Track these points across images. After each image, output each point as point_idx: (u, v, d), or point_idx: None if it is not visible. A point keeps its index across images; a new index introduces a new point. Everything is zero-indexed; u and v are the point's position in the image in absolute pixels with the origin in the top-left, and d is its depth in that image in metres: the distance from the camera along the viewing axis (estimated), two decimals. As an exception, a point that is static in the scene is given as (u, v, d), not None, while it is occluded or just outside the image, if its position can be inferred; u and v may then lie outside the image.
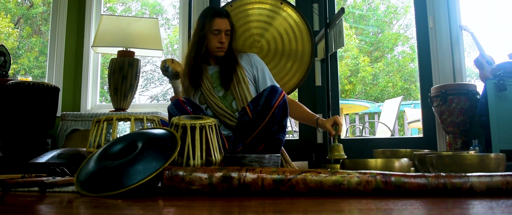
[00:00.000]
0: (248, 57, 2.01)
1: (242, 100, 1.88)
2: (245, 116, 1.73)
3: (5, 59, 2.91)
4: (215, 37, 1.89)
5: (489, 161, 1.13)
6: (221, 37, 1.88)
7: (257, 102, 1.71)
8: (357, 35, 9.94)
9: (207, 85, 1.91)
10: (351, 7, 9.68)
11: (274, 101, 1.67)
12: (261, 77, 1.97)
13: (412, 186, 0.92)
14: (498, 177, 0.90)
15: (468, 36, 2.77)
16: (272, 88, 1.71)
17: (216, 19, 1.88)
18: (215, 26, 1.87)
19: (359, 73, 9.41)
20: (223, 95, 1.92)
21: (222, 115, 1.86)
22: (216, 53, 1.92)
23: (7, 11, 8.30)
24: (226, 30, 1.90)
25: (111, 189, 0.99)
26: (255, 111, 1.70)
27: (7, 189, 1.17)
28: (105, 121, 1.46)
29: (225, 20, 1.91)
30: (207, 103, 1.90)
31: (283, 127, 1.76)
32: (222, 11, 1.92)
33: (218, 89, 1.93)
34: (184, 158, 1.18)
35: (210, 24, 1.88)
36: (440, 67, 2.73)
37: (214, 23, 1.88)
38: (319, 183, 0.95)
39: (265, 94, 1.69)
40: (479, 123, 2.45)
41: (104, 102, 3.61)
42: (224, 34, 1.89)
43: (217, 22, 1.88)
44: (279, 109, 1.68)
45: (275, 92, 1.69)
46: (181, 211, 0.78)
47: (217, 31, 1.88)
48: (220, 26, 1.88)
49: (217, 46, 1.89)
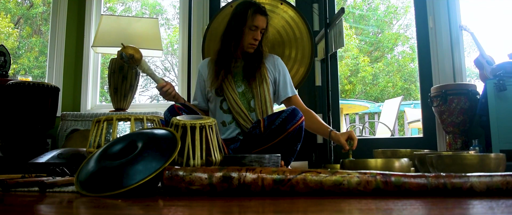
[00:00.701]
0: (272, 59, 1.99)
1: (261, 101, 1.87)
2: (257, 128, 1.69)
3: (5, 59, 2.91)
4: (251, 33, 1.87)
5: (489, 161, 1.13)
6: (257, 34, 1.87)
7: (273, 120, 1.66)
8: (357, 35, 9.94)
9: (228, 78, 1.89)
10: (351, 7, 9.68)
11: (291, 125, 1.63)
12: (282, 81, 1.95)
13: (412, 186, 0.92)
14: (498, 177, 0.90)
15: (468, 36, 2.77)
16: (293, 111, 1.66)
17: (257, 16, 1.86)
18: (255, 22, 1.86)
19: (359, 73, 9.41)
20: (242, 92, 1.90)
21: (237, 112, 1.84)
22: (247, 48, 1.90)
23: (7, 11, 8.30)
24: (262, 29, 1.89)
25: (111, 189, 0.99)
26: (269, 128, 1.65)
27: (7, 189, 1.17)
28: (105, 121, 1.46)
29: (264, 19, 1.89)
30: (225, 96, 1.88)
31: (294, 151, 1.71)
32: (264, 9, 1.91)
33: (239, 84, 1.91)
34: (184, 158, 1.18)
35: (251, 19, 1.85)
36: (440, 67, 2.73)
37: (255, 19, 1.86)
38: (319, 183, 0.95)
39: (283, 116, 1.64)
40: (479, 123, 2.45)
41: (104, 102, 3.61)
42: (259, 31, 1.88)
43: (258, 18, 1.87)
44: (293, 134, 1.64)
45: (294, 116, 1.64)
46: (181, 211, 0.78)
47: (255, 27, 1.86)
48: (259, 23, 1.87)
49: (251, 43, 1.88)
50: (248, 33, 1.87)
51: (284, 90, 1.94)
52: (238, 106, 1.84)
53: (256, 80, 1.88)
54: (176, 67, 7.72)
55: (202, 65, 2.05)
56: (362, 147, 2.88)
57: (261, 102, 1.86)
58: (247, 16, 1.86)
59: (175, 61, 8.66)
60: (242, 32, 1.87)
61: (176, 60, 5.09)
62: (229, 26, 1.93)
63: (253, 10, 1.86)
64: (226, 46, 1.91)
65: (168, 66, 9.53)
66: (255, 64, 1.90)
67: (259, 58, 1.92)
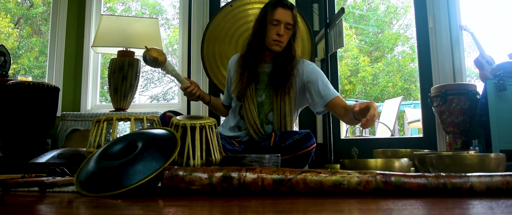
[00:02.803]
0: (302, 65, 1.80)
1: (280, 115, 1.74)
2: (267, 141, 1.64)
3: (5, 59, 2.91)
4: (274, 28, 1.72)
5: (489, 161, 1.13)
6: (280, 28, 1.71)
7: (285, 139, 1.60)
8: (357, 35, 9.94)
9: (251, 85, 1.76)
10: (351, 7, 9.68)
11: (300, 149, 1.58)
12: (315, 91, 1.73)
13: (412, 186, 0.92)
14: (498, 177, 0.90)
15: (468, 36, 2.77)
16: (307, 135, 1.60)
17: (278, 9, 1.72)
18: (276, 16, 1.71)
19: (359, 73, 9.41)
20: (262, 102, 1.79)
21: (250, 124, 1.75)
22: (272, 46, 1.73)
23: (7, 11, 8.29)
24: (287, 23, 1.72)
25: (111, 189, 0.99)
26: (278, 145, 1.60)
27: (7, 189, 1.17)
28: (105, 121, 1.46)
29: (288, 12, 1.73)
30: (243, 103, 1.78)
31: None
32: (287, 2, 1.75)
33: (260, 93, 1.79)
34: (184, 158, 1.18)
35: (271, 13, 1.72)
36: (440, 67, 2.73)
37: (276, 12, 1.71)
38: (319, 183, 0.95)
39: (296, 138, 1.59)
40: (479, 123, 2.45)
41: (104, 102, 3.61)
42: (283, 26, 1.71)
43: (279, 11, 1.71)
44: (300, 157, 1.59)
45: (307, 141, 1.59)
46: (181, 211, 0.77)
47: (277, 21, 1.71)
48: (281, 17, 1.71)
49: (274, 39, 1.72)
50: (270, 29, 1.72)
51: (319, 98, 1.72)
52: (252, 118, 1.75)
53: (278, 91, 1.73)
54: (176, 67, 7.71)
55: (232, 61, 1.95)
56: (362, 147, 2.88)
57: (280, 116, 1.74)
58: (267, 10, 1.73)
59: (175, 61, 8.66)
60: (265, 29, 1.73)
61: (176, 60, 5.10)
62: (253, 26, 1.81)
63: (273, 3, 1.73)
64: (250, 46, 1.78)
65: (168, 66, 9.51)
66: (283, 72, 1.72)
67: (288, 63, 1.74)
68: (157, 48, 1.81)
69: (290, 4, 1.75)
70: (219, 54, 2.49)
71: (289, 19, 1.73)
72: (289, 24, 1.73)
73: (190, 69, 2.65)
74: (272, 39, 1.73)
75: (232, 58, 1.96)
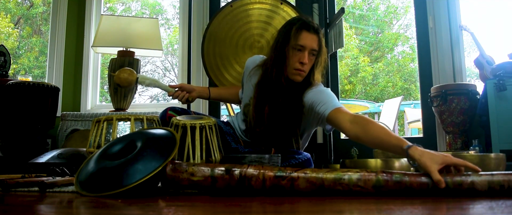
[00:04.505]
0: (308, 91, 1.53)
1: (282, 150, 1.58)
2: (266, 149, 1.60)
3: (5, 59, 2.91)
4: (297, 54, 1.48)
5: (489, 161, 1.13)
6: (303, 56, 1.47)
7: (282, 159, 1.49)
8: (357, 35, 9.94)
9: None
10: (351, 7, 9.68)
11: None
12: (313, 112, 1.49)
13: (413, 184, 0.92)
14: (500, 175, 0.90)
15: (468, 36, 2.77)
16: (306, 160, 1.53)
17: (303, 32, 1.47)
18: (300, 41, 1.47)
19: (359, 73, 9.41)
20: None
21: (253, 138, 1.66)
22: (292, 76, 1.50)
23: (7, 11, 8.29)
24: (312, 49, 1.49)
25: (111, 188, 0.99)
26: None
27: (7, 189, 1.17)
28: (105, 121, 1.46)
29: (315, 37, 1.49)
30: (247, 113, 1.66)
31: None
32: (313, 25, 1.50)
33: None
34: (184, 157, 1.18)
35: (295, 37, 1.47)
36: (440, 67, 2.73)
37: (300, 36, 1.47)
38: (319, 179, 0.95)
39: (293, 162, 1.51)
40: (479, 123, 2.45)
41: (104, 103, 3.61)
42: (308, 53, 1.48)
43: (304, 36, 1.47)
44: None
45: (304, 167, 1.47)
46: (181, 211, 0.77)
47: (301, 47, 1.47)
48: (306, 42, 1.47)
49: (296, 67, 1.48)
50: (292, 55, 1.48)
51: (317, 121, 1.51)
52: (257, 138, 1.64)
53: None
54: (176, 67, 7.72)
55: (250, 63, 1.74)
56: (362, 147, 2.88)
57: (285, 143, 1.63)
58: (291, 34, 1.48)
59: (175, 61, 8.65)
60: (285, 55, 1.49)
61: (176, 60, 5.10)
62: (272, 49, 1.58)
63: (298, 26, 1.48)
64: (270, 75, 1.54)
65: (168, 66, 9.52)
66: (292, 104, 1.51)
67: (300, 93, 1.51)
68: (125, 69, 1.73)
69: (316, 26, 1.51)
70: (219, 54, 2.49)
71: (315, 44, 1.49)
72: (314, 50, 1.50)
73: (190, 69, 2.65)
74: (293, 68, 1.49)
75: (250, 61, 1.76)
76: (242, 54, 2.41)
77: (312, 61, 1.51)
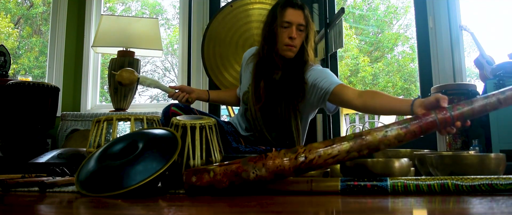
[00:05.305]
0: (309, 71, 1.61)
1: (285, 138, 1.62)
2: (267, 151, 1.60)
3: (5, 59, 2.91)
4: (285, 31, 1.57)
5: (489, 161, 1.13)
6: (291, 31, 1.56)
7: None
8: (357, 35, 9.94)
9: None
10: (351, 7, 9.68)
11: None
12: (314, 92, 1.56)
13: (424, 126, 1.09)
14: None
15: (468, 36, 2.77)
16: None
17: (288, 9, 1.57)
18: (286, 17, 1.56)
19: (359, 73, 9.41)
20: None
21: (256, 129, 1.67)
22: (284, 51, 1.59)
23: (7, 11, 8.29)
24: (299, 24, 1.58)
25: (111, 189, 0.99)
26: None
27: (7, 189, 1.17)
28: (105, 121, 1.46)
29: (299, 12, 1.59)
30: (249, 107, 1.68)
31: None
32: (297, 1, 1.61)
33: None
34: (184, 158, 1.18)
35: (281, 14, 1.57)
36: (440, 67, 2.73)
37: (286, 13, 1.57)
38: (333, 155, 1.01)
39: None
40: (479, 123, 2.45)
41: (104, 102, 3.61)
42: (295, 28, 1.57)
43: (289, 12, 1.57)
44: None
45: None
46: (181, 211, 0.78)
47: (287, 23, 1.57)
48: (292, 18, 1.57)
49: (286, 43, 1.57)
50: (281, 32, 1.57)
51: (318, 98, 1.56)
52: (258, 124, 1.66)
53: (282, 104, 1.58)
54: (176, 67, 7.71)
55: (246, 56, 1.82)
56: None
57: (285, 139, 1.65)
58: (277, 12, 1.58)
59: (175, 61, 8.65)
60: (275, 33, 1.59)
61: (176, 60, 5.10)
62: (262, 31, 1.66)
63: (282, 4, 1.59)
64: (262, 53, 1.63)
65: (168, 66, 9.52)
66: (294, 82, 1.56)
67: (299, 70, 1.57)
68: (126, 69, 1.76)
69: (300, 3, 1.62)
70: (219, 54, 2.49)
71: (301, 19, 1.59)
72: (301, 25, 1.59)
73: (190, 69, 2.65)
74: (283, 44, 1.58)
75: (247, 53, 1.83)
76: (242, 54, 2.41)
77: (302, 37, 1.60)
